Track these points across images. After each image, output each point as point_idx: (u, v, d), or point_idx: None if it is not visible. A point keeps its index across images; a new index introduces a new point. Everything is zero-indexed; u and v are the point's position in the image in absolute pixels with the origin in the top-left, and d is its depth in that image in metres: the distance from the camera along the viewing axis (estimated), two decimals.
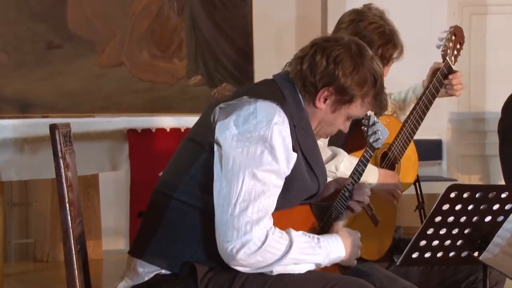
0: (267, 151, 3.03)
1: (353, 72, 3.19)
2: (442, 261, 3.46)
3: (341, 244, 3.20)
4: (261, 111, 3.08)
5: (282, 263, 3.06)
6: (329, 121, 3.31)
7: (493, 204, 3.38)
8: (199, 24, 9.57)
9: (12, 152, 6.89)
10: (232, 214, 2.97)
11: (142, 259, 3.22)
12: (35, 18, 8.72)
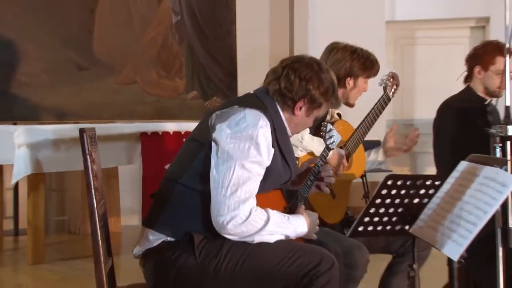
0: (253, 146, 3.11)
1: (320, 86, 3.31)
2: (381, 233, 3.45)
3: (304, 222, 3.25)
4: (249, 116, 3.16)
5: (261, 234, 3.11)
6: (304, 122, 3.42)
7: (419, 189, 3.37)
8: (195, 51, 9.57)
9: (51, 150, 6.95)
10: (224, 195, 3.04)
11: (153, 229, 3.25)
12: (68, 47, 8.65)
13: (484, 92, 4.89)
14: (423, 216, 3.29)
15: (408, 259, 3.90)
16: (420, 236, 3.29)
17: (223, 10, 9.70)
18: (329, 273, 3.10)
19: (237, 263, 3.12)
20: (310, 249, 3.19)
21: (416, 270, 3.67)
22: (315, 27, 9.40)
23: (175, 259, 3.17)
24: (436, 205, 3.25)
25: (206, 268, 3.13)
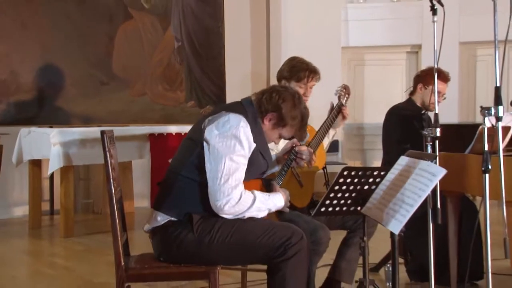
0: (237, 143, 3.11)
1: (291, 110, 3.29)
2: (339, 213, 3.43)
3: (281, 198, 3.29)
4: (232, 119, 3.15)
5: (250, 211, 3.14)
6: (269, 134, 3.35)
7: (369, 178, 3.36)
8: (193, 70, 9.52)
9: (79, 147, 6.95)
10: (219, 184, 3.05)
11: (160, 211, 3.22)
12: (93, 67, 8.66)
13: (421, 104, 4.94)
14: (372, 199, 3.27)
15: (359, 233, 3.90)
16: (369, 215, 3.27)
17: (214, 37, 9.67)
18: (299, 244, 3.09)
19: (227, 236, 3.11)
20: (284, 226, 3.18)
21: (366, 242, 3.65)
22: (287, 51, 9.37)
23: (177, 234, 3.15)
24: (382, 190, 3.23)
25: (202, 241, 3.11)
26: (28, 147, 7.24)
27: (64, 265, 5.86)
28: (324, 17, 9.92)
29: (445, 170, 3.00)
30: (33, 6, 8.17)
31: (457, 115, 9.84)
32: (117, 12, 8.90)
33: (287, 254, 3.06)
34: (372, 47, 10.31)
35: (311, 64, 4.27)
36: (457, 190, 4.37)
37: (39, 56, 8.21)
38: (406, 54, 10.37)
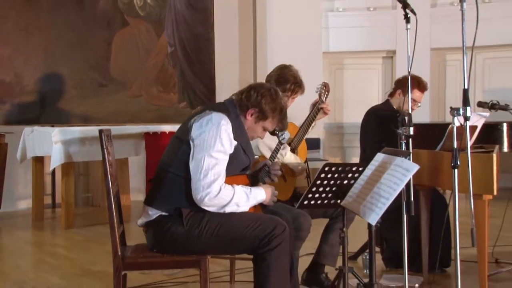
0: (217, 140, 3.10)
1: (270, 103, 3.28)
2: (320, 205, 3.44)
3: (263, 192, 3.25)
4: (214, 118, 3.15)
5: (230, 205, 3.12)
6: (253, 128, 3.35)
7: (348, 174, 3.36)
8: (185, 73, 9.49)
9: (79, 145, 6.93)
10: (199, 178, 3.05)
11: (151, 206, 3.21)
12: (92, 70, 8.64)
13: (397, 107, 4.95)
14: (351, 193, 3.28)
15: (340, 220, 3.92)
16: (348, 207, 3.28)
17: (205, 43, 9.65)
18: (282, 236, 3.08)
19: (215, 229, 3.10)
20: (268, 218, 3.17)
21: (346, 233, 3.65)
22: (272, 56, 9.41)
23: (168, 228, 3.14)
24: (360, 185, 3.24)
25: (192, 234, 3.10)
26: (31, 145, 7.23)
27: (65, 254, 5.84)
28: (306, 25, 9.94)
29: (417, 166, 3.01)
30: (35, 13, 8.14)
31: (428, 115, 9.87)
32: (115, 19, 8.88)
33: (271, 244, 3.06)
34: (351, 52, 10.33)
35: (299, 78, 4.27)
36: (428, 184, 4.40)
37: (42, 60, 8.19)
38: (382, 59, 10.39)
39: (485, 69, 9.87)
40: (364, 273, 4.69)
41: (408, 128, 3.73)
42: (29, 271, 5.23)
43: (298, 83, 4.23)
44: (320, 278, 4.19)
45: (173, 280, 4.57)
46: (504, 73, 9.72)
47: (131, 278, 3.55)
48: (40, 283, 4.72)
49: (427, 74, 9.82)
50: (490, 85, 9.79)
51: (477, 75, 9.79)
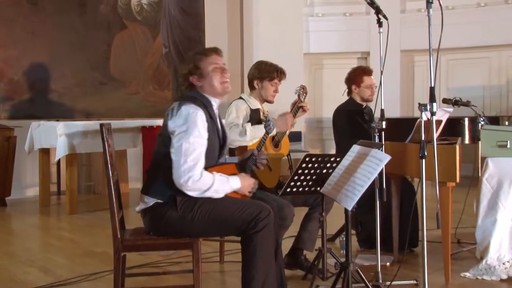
0: (192, 127, 3.05)
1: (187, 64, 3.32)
2: (301, 192, 3.44)
3: (238, 181, 3.17)
4: (185, 109, 3.09)
5: (210, 191, 3.07)
6: (208, 81, 3.27)
7: (327, 164, 3.37)
8: (178, 72, 9.38)
9: (81, 138, 6.89)
10: (179, 164, 3.01)
11: (148, 195, 3.17)
12: (94, 69, 8.64)
13: (361, 100, 4.96)
14: (329, 181, 3.28)
15: (319, 209, 3.91)
16: (327, 194, 3.28)
17: (197, 45, 9.56)
18: (267, 219, 3.06)
19: (206, 214, 3.08)
20: (254, 203, 3.14)
21: (324, 217, 3.67)
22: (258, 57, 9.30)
23: (164, 213, 3.11)
24: (337, 174, 3.25)
25: (185, 218, 3.08)
26: (38, 138, 7.21)
27: (69, 237, 5.82)
28: (289, 28, 9.91)
29: (389, 157, 3.03)
30: (41, 17, 8.15)
31: (399, 111, 9.91)
32: (114, 23, 8.87)
33: (257, 227, 3.04)
34: (329, 54, 10.33)
35: (278, 66, 4.31)
36: (399, 173, 4.41)
37: (47, 60, 8.20)
38: (357, 59, 10.39)
39: (449, 69, 9.92)
40: (341, 253, 4.71)
41: (381, 122, 3.75)
42: (37, 252, 5.21)
43: (280, 69, 4.27)
44: (300, 260, 4.20)
45: (168, 261, 4.56)
46: (466, 72, 9.78)
47: (129, 259, 3.53)
48: (47, 263, 4.70)
49: (397, 73, 9.89)
50: (454, 84, 9.83)
51: (442, 75, 9.82)
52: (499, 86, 9.75)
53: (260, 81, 4.25)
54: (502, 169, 4.12)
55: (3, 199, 7.44)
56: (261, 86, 4.25)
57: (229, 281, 4.13)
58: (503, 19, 9.33)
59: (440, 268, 4.12)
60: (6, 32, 7.89)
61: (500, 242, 4.10)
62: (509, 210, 4.09)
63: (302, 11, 10.16)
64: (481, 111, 4.61)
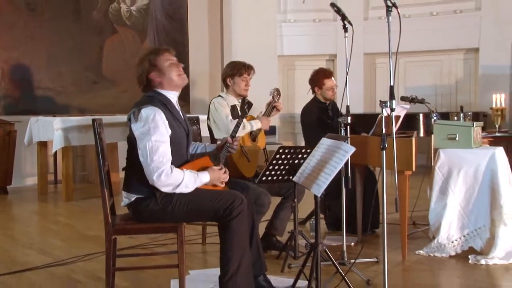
0: (152, 128, 2.95)
1: (140, 62, 3.21)
2: (276, 181, 3.43)
3: (207, 176, 3.09)
4: (144, 112, 2.99)
5: (181, 186, 2.99)
6: (167, 75, 3.16)
7: (298, 155, 3.36)
8: None
9: (76, 132, 6.85)
10: (148, 163, 2.93)
11: (129, 192, 3.12)
12: (87, 70, 8.58)
13: (324, 99, 4.95)
14: (300, 170, 3.27)
15: (291, 199, 3.91)
16: (299, 182, 3.27)
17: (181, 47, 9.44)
18: (240, 207, 3.02)
19: (184, 205, 3.02)
20: (228, 193, 3.09)
21: (296, 203, 3.67)
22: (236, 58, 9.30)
23: (146, 206, 3.06)
24: (308, 164, 3.23)
25: (165, 210, 3.03)
26: (36, 132, 7.13)
27: (65, 222, 5.76)
28: (264, 33, 9.90)
29: (354, 148, 3.02)
30: (39, 22, 8.11)
31: (362, 107, 9.95)
32: (106, 28, 8.82)
33: (232, 214, 3.00)
34: (300, 56, 10.32)
35: (247, 62, 4.29)
36: (362, 163, 4.42)
37: (45, 62, 8.15)
38: (326, 61, 10.39)
39: (406, 70, 9.97)
40: (311, 235, 4.72)
41: (347, 118, 3.76)
42: (36, 236, 5.16)
43: (248, 65, 4.26)
44: (272, 243, 4.20)
45: (155, 243, 4.54)
46: (421, 73, 9.87)
47: (120, 241, 3.52)
48: (45, 245, 4.65)
49: (361, 74, 9.92)
50: (410, 83, 9.88)
51: (400, 75, 9.87)
52: (449, 85, 9.86)
53: (232, 78, 4.24)
54: (452, 159, 4.16)
55: (5, 187, 7.39)
56: (233, 82, 4.24)
57: (210, 261, 4.11)
58: (453, 27, 9.48)
59: (398, 247, 4.16)
60: (7, 36, 7.84)
61: (449, 224, 4.15)
62: (458, 196, 4.13)
63: (276, 18, 10.15)
64: (434, 108, 4.63)
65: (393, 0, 2.93)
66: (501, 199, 4.02)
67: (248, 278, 3.07)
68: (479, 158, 4.11)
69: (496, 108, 5.48)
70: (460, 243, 4.13)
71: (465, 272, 3.78)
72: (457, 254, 4.10)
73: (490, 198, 4.07)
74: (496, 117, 5.50)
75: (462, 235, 4.14)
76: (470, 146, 4.17)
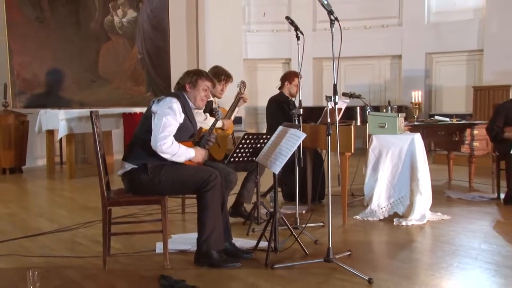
0: (170, 110, 2.99)
1: (190, 74, 3.21)
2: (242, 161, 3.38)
3: (193, 152, 3.11)
4: (168, 99, 3.04)
5: (177, 155, 3.01)
6: (195, 94, 3.19)
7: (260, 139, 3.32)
8: (150, 72, 9.25)
9: (77, 122, 6.78)
10: (158, 132, 2.95)
11: (127, 162, 3.07)
12: (86, 70, 8.41)
13: (288, 94, 4.91)
14: (262, 153, 3.24)
15: (254, 173, 3.89)
16: (260, 162, 3.24)
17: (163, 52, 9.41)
18: (215, 181, 3.01)
19: (169, 177, 3.00)
20: (206, 169, 3.07)
21: (259, 179, 3.64)
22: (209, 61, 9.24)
23: (138, 176, 3.02)
24: (268, 147, 3.21)
25: (154, 181, 3.00)
26: (45, 122, 7.07)
27: (69, 196, 5.63)
28: (232, 40, 9.88)
29: (305, 134, 3.01)
30: (47, 32, 8.03)
31: (312, 101, 9.98)
32: (101, 36, 8.71)
33: (208, 187, 2.98)
34: (262, 59, 10.30)
35: (228, 71, 4.22)
36: (312, 146, 4.42)
37: (51, 64, 8.08)
38: (282, 64, 10.39)
39: (346, 72, 10.04)
40: (271, 205, 4.71)
41: (299, 109, 3.73)
42: (45, 207, 5.06)
43: (228, 74, 4.19)
44: (240, 211, 4.17)
45: (143, 212, 4.47)
46: (358, 74, 9.96)
47: (114, 211, 3.46)
48: (53, 214, 4.57)
49: (310, 74, 9.94)
50: (349, 82, 9.97)
51: (341, 75, 9.94)
52: (379, 84, 9.98)
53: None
54: (382, 142, 4.19)
55: (20, 167, 7.36)
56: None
57: (188, 227, 4.07)
58: (382, 38, 9.66)
59: (339, 213, 4.19)
60: (20, 44, 7.76)
61: (379, 194, 4.19)
62: (386, 172, 4.17)
63: (242, 28, 10.12)
64: (368, 102, 4.64)
65: (335, 15, 2.92)
66: (418, 174, 4.08)
67: (220, 240, 3.05)
68: (402, 142, 4.15)
69: (415, 102, 5.58)
70: (387, 209, 4.18)
71: (391, 232, 3.83)
72: (385, 218, 4.15)
73: (410, 173, 4.12)
74: (415, 109, 5.58)
75: (389, 203, 4.18)
76: (396, 132, 4.21)
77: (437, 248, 3.37)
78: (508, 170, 4.61)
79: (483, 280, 2.79)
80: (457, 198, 4.99)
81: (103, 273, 2.96)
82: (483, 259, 3.13)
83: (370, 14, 9.74)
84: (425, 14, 9.39)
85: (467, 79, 9.20)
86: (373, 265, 3.02)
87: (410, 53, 9.46)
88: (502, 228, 3.91)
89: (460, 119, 5.60)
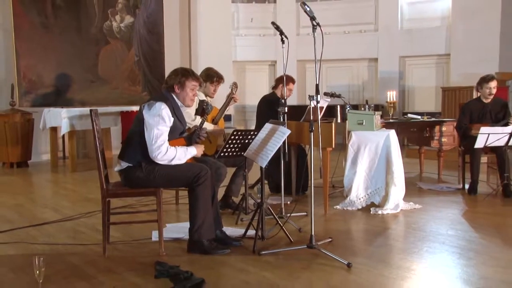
0: (160, 119, 2.92)
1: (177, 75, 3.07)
2: (232, 156, 3.36)
3: (194, 150, 3.08)
4: (157, 105, 2.95)
5: (175, 160, 2.97)
6: (184, 94, 3.08)
7: (248, 135, 3.30)
8: (146, 73, 9.11)
9: (79, 119, 6.74)
10: (152, 144, 2.91)
11: (123, 160, 3.04)
12: (87, 72, 8.30)
13: (280, 96, 4.86)
14: (250, 148, 3.22)
15: (243, 168, 3.86)
16: (249, 157, 3.22)
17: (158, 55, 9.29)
18: (205, 176, 2.98)
19: (163, 173, 2.98)
20: (197, 165, 3.04)
21: (247, 173, 3.62)
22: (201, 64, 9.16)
23: (133, 174, 2.99)
24: (256, 143, 3.18)
25: (148, 178, 2.97)
26: (49, 119, 6.98)
27: (71, 188, 5.57)
28: (223, 44, 9.80)
29: (289, 131, 3.00)
30: (50, 36, 7.97)
31: (296, 100, 9.98)
32: (101, 39, 8.60)
33: (199, 181, 2.96)
34: (249, 61, 10.25)
35: (219, 73, 4.17)
36: (296, 142, 4.41)
37: (55, 66, 8.01)
38: (268, 66, 10.35)
39: (327, 73, 10.05)
40: (258, 196, 4.68)
41: (284, 108, 3.71)
42: (49, 198, 5.00)
43: (220, 76, 4.14)
44: (229, 203, 4.15)
45: (139, 203, 4.43)
46: (338, 75, 9.96)
47: (113, 202, 3.42)
48: (56, 205, 4.52)
49: (294, 75, 9.85)
50: (330, 83, 9.97)
51: (323, 77, 9.94)
52: (358, 85, 10.00)
53: (205, 81, 4.11)
54: (360, 138, 4.20)
55: (26, 161, 7.29)
56: (205, 86, 4.13)
57: (181, 217, 4.04)
58: (360, 42, 9.66)
59: (321, 204, 4.18)
60: (26, 47, 7.69)
61: (358, 186, 4.19)
62: (364, 165, 4.18)
63: (231, 32, 10.07)
64: (347, 101, 4.64)
65: (317, 21, 2.90)
66: (393, 167, 4.10)
67: (210, 230, 3.04)
68: (379, 138, 4.16)
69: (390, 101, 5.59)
70: (365, 200, 4.19)
71: (368, 220, 3.84)
72: (363, 208, 4.16)
73: (385, 166, 4.13)
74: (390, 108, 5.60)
75: (366, 194, 4.19)
76: (373, 129, 4.21)
77: (409, 234, 3.40)
78: (472, 163, 4.65)
79: (449, 262, 2.84)
80: (427, 189, 5.03)
81: (103, 259, 2.94)
82: (450, 243, 3.17)
83: (349, 21, 9.76)
84: (399, 21, 9.45)
85: (436, 81, 9.28)
86: (352, 251, 3.03)
87: (385, 56, 9.53)
88: (466, 216, 3.96)
89: (430, 117, 5.64)
